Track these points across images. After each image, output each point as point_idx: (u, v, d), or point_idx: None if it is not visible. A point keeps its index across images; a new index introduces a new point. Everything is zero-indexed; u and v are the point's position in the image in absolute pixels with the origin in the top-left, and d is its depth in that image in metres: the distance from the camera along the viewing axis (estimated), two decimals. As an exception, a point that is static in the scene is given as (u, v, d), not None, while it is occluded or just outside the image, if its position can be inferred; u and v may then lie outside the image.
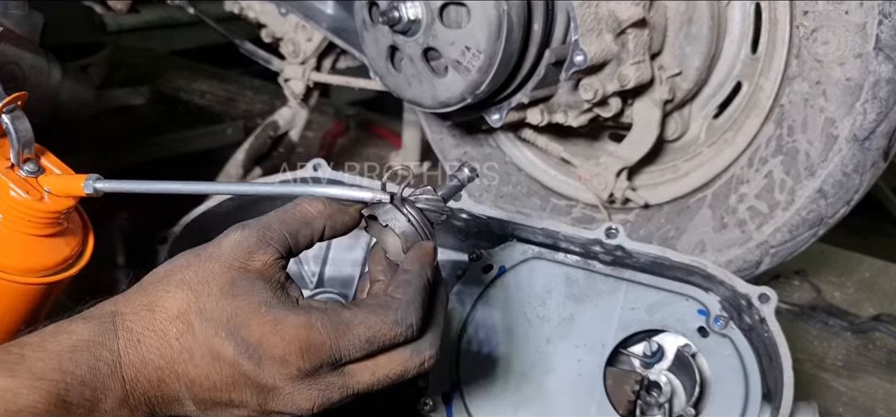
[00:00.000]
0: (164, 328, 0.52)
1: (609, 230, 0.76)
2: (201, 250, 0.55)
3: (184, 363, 0.52)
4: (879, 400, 0.91)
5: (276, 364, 0.52)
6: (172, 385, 0.52)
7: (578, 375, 0.76)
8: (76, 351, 0.50)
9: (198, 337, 0.52)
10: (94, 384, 0.50)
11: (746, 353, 0.75)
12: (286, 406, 0.53)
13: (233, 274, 0.53)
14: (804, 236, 0.89)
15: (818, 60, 0.84)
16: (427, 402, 0.77)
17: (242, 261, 0.54)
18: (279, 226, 0.56)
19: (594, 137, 1.09)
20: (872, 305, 1.08)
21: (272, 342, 0.51)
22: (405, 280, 0.55)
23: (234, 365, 0.52)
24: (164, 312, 0.53)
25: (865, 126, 0.82)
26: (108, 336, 0.51)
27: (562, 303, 0.79)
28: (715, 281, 0.75)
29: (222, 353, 0.52)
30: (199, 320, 0.52)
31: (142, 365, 0.51)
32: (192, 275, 0.54)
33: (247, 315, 0.52)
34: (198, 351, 0.52)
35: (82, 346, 0.50)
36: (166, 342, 0.52)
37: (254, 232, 0.55)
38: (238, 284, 0.53)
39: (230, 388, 0.53)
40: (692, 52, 0.94)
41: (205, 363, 0.52)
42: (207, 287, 0.53)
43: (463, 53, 0.87)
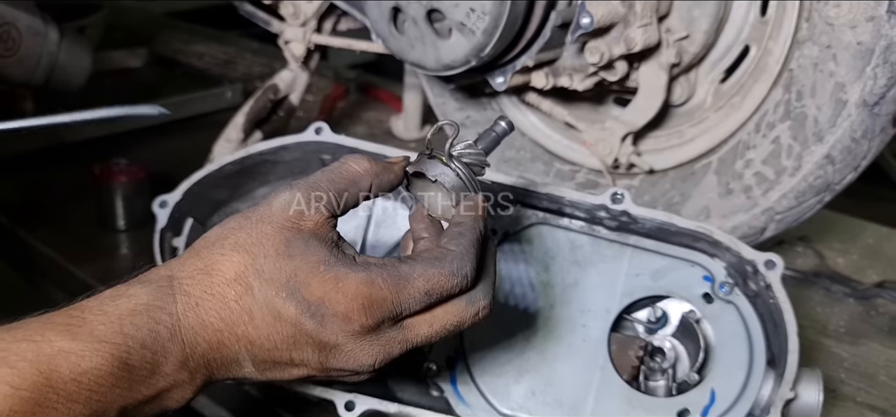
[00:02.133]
0: (222, 291, 0.52)
1: (615, 195, 0.75)
2: (251, 212, 0.55)
3: (244, 324, 0.52)
4: (881, 366, 0.91)
5: (339, 321, 0.52)
6: (232, 347, 0.53)
7: (583, 341, 0.76)
8: (136, 315, 0.50)
9: (257, 299, 0.52)
10: (155, 347, 0.50)
11: (751, 319, 0.75)
12: (348, 362, 0.54)
13: (287, 235, 0.53)
14: (810, 202, 0.89)
15: (829, 24, 0.82)
16: (430, 367, 0.77)
17: (294, 221, 0.54)
18: (328, 185, 0.56)
19: (599, 102, 1.08)
20: (876, 272, 1.08)
21: (334, 299, 0.52)
22: (459, 232, 0.56)
23: (295, 325, 0.52)
24: (220, 275, 0.53)
25: (875, 91, 0.81)
26: (167, 299, 0.52)
27: (566, 269, 0.79)
28: (720, 248, 0.75)
29: (284, 313, 0.52)
30: (259, 281, 0.52)
31: (201, 328, 0.52)
32: (246, 237, 0.53)
33: (306, 274, 0.52)
34: (258, 312, 0.52)
35: (141, 310, 0.50)
36: (225, 304, 0.52)
37: (303, 191, 0.55)
38: (293, 244, 0.53)
39: (291, 347, 0.53)
40: (700, 15, 0.92)
41: (265, 323, 0.52)
42: (263, 248, 0.53)
43: (467, 15, 0.86)
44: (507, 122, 0.62)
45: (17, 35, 1.19)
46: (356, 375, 0.56)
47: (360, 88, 1.70)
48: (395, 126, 1.48)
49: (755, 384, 0.72)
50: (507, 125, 0.62)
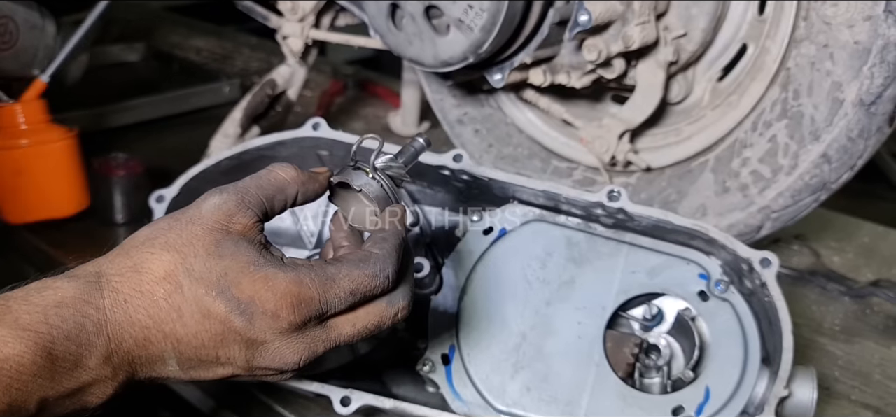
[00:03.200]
0: (151, 288, 0.53)
1: (611, 193, 0.75)
2: (180, 214, 0.56)
3: (172, 322, 0.53)
4: (875, 365, 0.92)
5: (267, 319, 0.53)
6: (158, 345, 0.53)
7: (578, 337, 0.77)
8: (62, 307, 0.50)
9: (187, 297, 0.53)
10: (80, 339, 0.51)
11: (746, 317, 0.75)
12: (274, 360, 0.55)
13: (216, 236, 0.55)
14: (806, 201, 0.89)
15: (827, 23, 0.83)
16: (426, 363, 0.77)
17: (224, 223, 0.55)
18: (256, 191, 0.58)
19: (597, 99, 1.08)
20: (871, 270, 1.09)
21: (264, 297, 0.53)
22: (382, 237, 0.59)
23: (224, 322, 0.53)
24: (150, 273, 0.53)
25: (872, 90, 0.81)
26: (94, 294, 0.52)
27: (562, 266, 0.79)
28: (716, 246, 0.75)
29: (213, 311, 0.53)
30: (188, 280, 0.53)
31: (128, 324, 0.52)
32: (176, 238, 0.54)
33: (237, 273, 0.53)
34: (187, 310, 0.53)
35: (68, 302, 0.51)
36: (154, 302, 0.53)
37: (232, 195, 0.56)
38: (223, 245, 0.54)
39: (218, 345, 0.54)
40: (698, 13, 0.92)
41: (194, 321, 0.53)
42: (193, 248, 0.54)
43: (466, 11, 0.85)
44: (425, 140, 0.66)
45: (14, 28, 1.19)
46: (281, 373, 0.57)
47: (358, 84, 1.70)
48: (393, 122, 1.48)
49: (750, 381, 0.73)
50: (425, 142, 0.66)
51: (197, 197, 0.84)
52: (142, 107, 1.50)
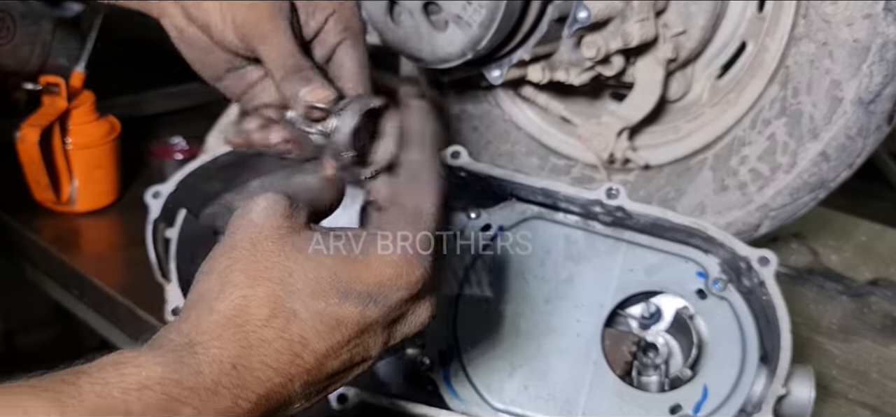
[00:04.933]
0: (260, 335, 0.45)
1: (610, 190, 0.75)
2: (234, 239, 0.48)
3: (297, 358, 0.46)
4: (873, 364, 0.92)
5: (403, 292, 0.49)
6: (285, 391, 0.46)
7: (576, 335, 0.76)
8: (144, 390, 0.41)
9: (306, 321, 0.46)
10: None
11: (744, 316, 0.75)
12: (412, 326, 0.51)
13: (292, 240, 0.48)
14: (805, 199, 0.89)
15: (826, 21, 0.82)
16: (424, 361, 0.77)
17: (287, 223, 0.48)
18: (300, 192, 0.52)
19: (595, 96, 1.08)
20: (869, 269, 1.08)
21: (387, 275, 0.48)
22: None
23: (361, 321, 0.48)
24: (253, 318, 0.45)
25: (871, 89, 0.81)
26: (189, 371, 0.42)
27: (561, 264, 0.79)
28: (715, 244, 0.75)
29: (344, 317, 0.47)
30: (300, 302, 0.46)
31: (242, 391, 0.44)
32: (251, 266, 0.47)
33: (345, 268, 0.47)
34: (312, 333, 0.46)
35: (152, 385, 0.41)
36: (270, 348, 0.45)
37: (279, 197, 0.50)
38: (305, 247, 0.48)
39: (356, 348, 0.49)
40: (697, 11, 0.92)
41: (323, 339, 0.47)
42: (279, 265, 0.46)
43: (464, 7, 0.85)
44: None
45: (11, 23, 1.18)
46: (420, 329, 0.52)
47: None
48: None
49: (747, 380, 0.72)
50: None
51: (193, 193, 0.85)
52: (141, 104, 1.49)
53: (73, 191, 1.18)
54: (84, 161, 1.17)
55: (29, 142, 1.11)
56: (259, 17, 0.61)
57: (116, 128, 1.20)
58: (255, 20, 0.61)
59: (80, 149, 1.16)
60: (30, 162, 1.13)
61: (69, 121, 1.16)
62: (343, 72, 0.65)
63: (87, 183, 1.18)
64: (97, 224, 1.19)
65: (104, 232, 1.19)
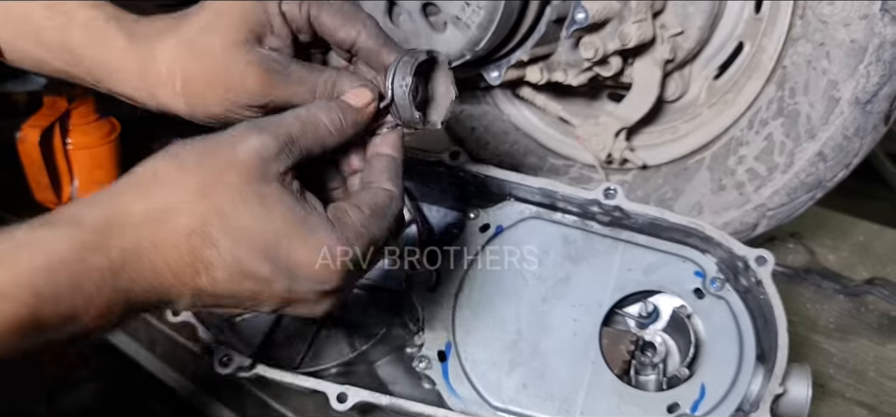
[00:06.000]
0: (176, 242, 0.48)
1: (607, 190, 0.75)
2: (211, 151, 0.50)
3: (197, 276, 0.49)
4: (870, 363, 0.92)
5: (311, 282, 0.51)
6: (174, 293, 0.50)
7: (574, 335, 0.77)
8: (53, 271, 0.45)
9: (223, 255, 0.49)
10: (74, 301, 0.46)
11: (741, 315, 0.75)
12: (308, 311, 0.54)
13: (257, 187, 0.50)
14: (802, 199, 0.89)
15: (823, 21, 0.83)
16: (423, 360, 0.77)
17: (263, 170, 0.50)
18: (299, 137, 0.53)
19: (593, 97, 1.08)
20: (866, 268, 1.09)
21: (312, 262, 0.51)
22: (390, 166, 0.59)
23: (266, 282, 0.50)
24: (177, 225, 0.48)
25: (868, 89, 0.81)
26: (97, 255, 0.46)
27: (559, 263, 0.79)
28: (712, 243, 0.75)
29: (255, 272, 0.50)
30: (227, 239, 0.49)
31: (141, 280, 0.49)
32: (210, 184, 0.49)
33: (286, 236, 0.50)
34: (220, 266, 0.49)
35: (61, 265, 0.45)
36: (178, 257, 0.48)
37: (272, 139, 0.51)
38: (266, 199, 0.50)
39: (250, 299, 0.52)
40: (695, 12, 0.92)
41: (227, 278, 0.50)
42: (231, 201, 0.49)
43: (463, 9, 0.85)
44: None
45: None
46: (311, 315, 0.55)
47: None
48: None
49: (745, 379, 0.73)
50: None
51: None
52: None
53: (74, 192, 1.18)
54: (84, 161, 1.17)
55: (29, 143, 1.11)
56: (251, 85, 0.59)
57: (116, 128, 1.20)
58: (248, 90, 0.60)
59: (80, 150, 1.16)
60: (30, 162, 1.13)
61: (69, 121, 1.16)
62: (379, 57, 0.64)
63: (88, 183, 1.18)
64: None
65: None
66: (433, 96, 0.64)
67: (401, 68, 0.60)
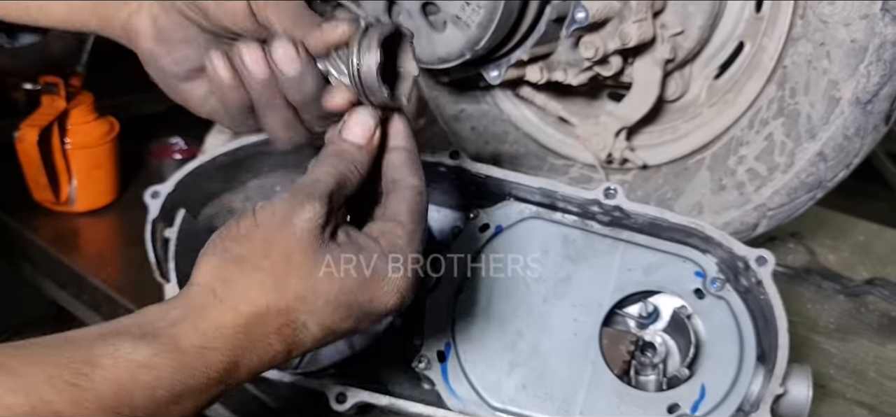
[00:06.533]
0: (269, 342, 0.51)
1: (608, 190, 0.75)
2: (270, 237, 0.52)
3: (289, 353, 0.53)
4: (870, 363, 0.92)
5: (392, 309, 0.56)
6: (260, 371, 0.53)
7: (574, 335, 0.77)
8: (156, 390, 0.46)
9: (312, 331, 0.53)
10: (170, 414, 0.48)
11: (742, 315, 0.75)
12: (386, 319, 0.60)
13: (320, 256, 0.53)
14: (802, 199, 0.89)
15: (823, 21, 0.83)
16: (422, 360, 0.77)
17: (322, 239, 0.53)
18: (337, 193, 0.55)
19: (593, 96, 1.08)
20: (866, 269, 1.09)
21: (392, 302, 0.55)
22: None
23: (354, 329, 0.55)
24: (267, 328, 0.51)
25: (868, 89, 0.81)
26: (197, 375, 0.48)
27: (559, 263, 0.79)
28: (712, 243, 0.75)
29: (342, 329, 0.54)
30: (312, 317, 0.52)
31: (237, 380, 0.51)
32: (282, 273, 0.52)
33: (361, 292, 0.54)
34: (311, 340, 0.53)
35: (163, 385, 0.47)
36: (273, 350, 0.52)
37: (323, 205, 0.53)
38: (331, 265, 0.53)
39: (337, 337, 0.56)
40: (695, 11, 0.92)
41: (317, 343, 0.54)
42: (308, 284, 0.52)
43: (462, 8, 0.85)
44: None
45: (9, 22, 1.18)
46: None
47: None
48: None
49: (745, 379, 0.73)
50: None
51: (192, 193, 0.85)
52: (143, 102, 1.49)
53: (72, 191, 1.18)
54: (83, 161, 1.17)
55: (28, 142, 1.11)
56: None
57: (115, 128, 1.21)
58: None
59: (78, 149, 1.17)
60: (29, 162, 1.13)
61: (68, 121, 1.16)
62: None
63: (86, 183, 1.18)
64: (96, 224, 1.19)
65: (103, 232, 1.19)
66: (398, 72, 0.61)
67: (365, 43, 0.57)
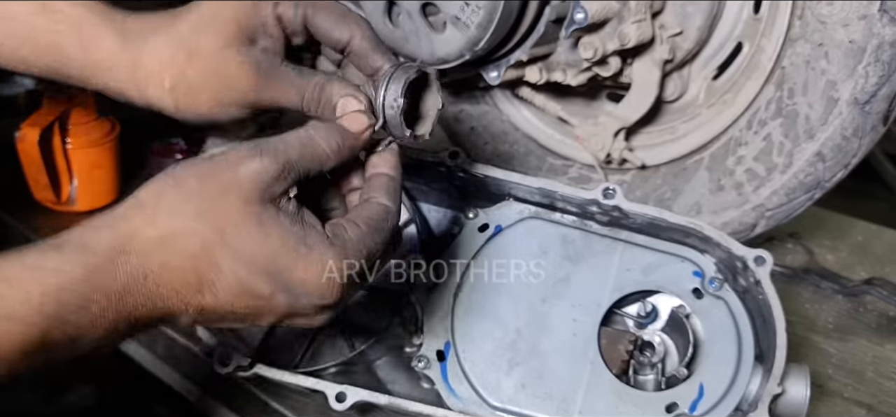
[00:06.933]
0: (180, 263, 0.50)
1: (606, 190, 0.76)
2: (212, 173, 0.52)
3: (199, 295, 0.51)
4: (868, 363, 0.92)
5: (314, 298, 0.53)
6: (176, 310, 0.52)
7: (573, 335, 0.77)
8: (62, 292, 0.47)
9: (225, 274, 0.51)
10: (80, 323, 0.48)
11: (740, 315, 0.76)
12: (309, 323, 0.56)
13: (257, 209, 0.51)
14: (801, 199, 0.90)
15: (822, 22, 0.83)
16: (422, 359, 0.77)
17: (263, 192, 0.52)
18: (298, 161, 0.54)
19: (592, 97, 1.09)
20: (864, 269, 1.09)
21: (315, 280, 0.53)
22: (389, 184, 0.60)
23: (267, 299, 0.53)
24: (181, 249, 0.50)
25: (867, 89, 0.82)
26: (105, 277, 0.48)
27: (558, 263, 0.80)
28: (711, 243, 0.75)
29: (256, 291, 0.52)
30: (229, 260, 0.51)
31: (145, 300, 0.50)
32: (211, 207, 0.51)
33: (286, 256, 0.52)
34: (222, 287, 0.52)
35: (70, 288, 0.47)
36: (182, 277, 0.50)
37: (272, 163, 0.53)
38: (266, 221, 0.52)
39: (251, 314, 0.54)
40: (694, 12, 0.93)
41: (228, 295, 0.52)
42: (233, 224, 0.51)
43: (462, 9, 0.86)
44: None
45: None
46: (309, 326, 0.57)
47: (355, 80, 1.69)
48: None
49: (743, 379, 0.73)
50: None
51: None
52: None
53: (73, 191, 1.18)
54: (84, 160, 1.17)
55: (28, 142, 1.11)
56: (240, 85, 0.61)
57: (116, 128, 1.21)
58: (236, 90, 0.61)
59: (79, 149, 1.17)
60: (29, 161, 1.13)
61: (69, 120, 1.16)
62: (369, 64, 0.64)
63: (87, 182, 1.18)
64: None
65: (103, 231, 1.19)
66: (422, 108, 0.65)
67: (392, 85, 0.60)
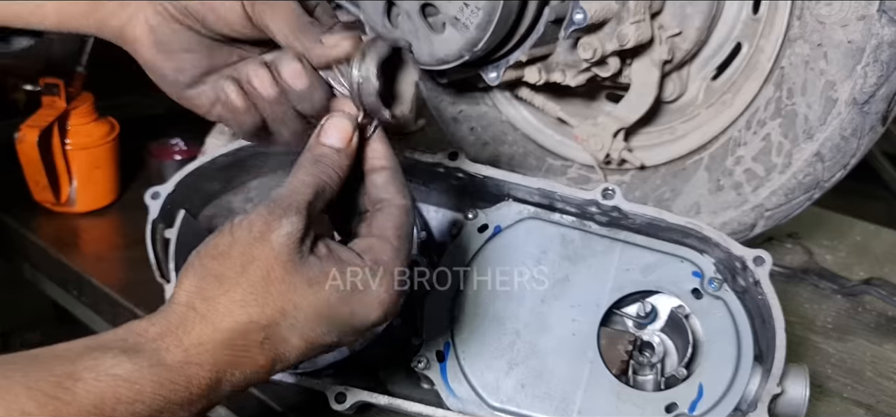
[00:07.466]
0: (252, 356, 0.52)
1: (606, 191, 0.76)
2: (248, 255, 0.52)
3: (273, 367, 0.53)
4: (867, 362, 0.92)
5: (375, 324, 0.56)
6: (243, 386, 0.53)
7: (572, 335, 0.77)
8: (136, 404, 0.47)
9: (295, 345, 0.53)
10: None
11: (739, 315, 0.76)
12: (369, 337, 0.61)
13: (301, 271, 0.53)
14: (800, 199, 0.90)
15: (821, 22, 0.83)
16: (421, 360, 0.77)
17: (300, 254, 0.53)
18: (315, 201, 0.55)
19: (591, 97, 1.09)
20: (863, 269, 1.09)
21: (376, 317, 0.55)
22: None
23: (334, 344, 0.55)
24: (249, 343, 0.51)
25: (865, 90, 0.82)
26: (180, 392, 0.49)
27: (557, 263, 0.80)
28: (710, 244, 0.75)
29: (323, 343, 0.55)
30: (294, 331, 0.53)
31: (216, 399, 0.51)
32: (262, 294, 0.52)
33: (343, 306, 0.54)
34: (294, 353, 0.54)
35: (142, 400, 0.47)
36: (256, 364, 0.52)
37: (299, 218, 0.53)
38: (313, 280, 0.53)
39: (319, 352, 0.56)
40: (693, 12, 0.93)
41: (299, 356, 0.54)
42: (288, 301, 0.52)
43: (461, 9, 0.86)
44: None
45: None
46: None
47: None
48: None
49: (743, 379, 0.73)
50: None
51: (192, 194, 0.85)
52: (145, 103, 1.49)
53: (72, 192, 1.18)
54: (83, 161, 1.18)
55: (28, 143, 1.11)
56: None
57: (115, 128, 1.21)
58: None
59: (79, 150, 1.17)
60: (29, 162, 1.13)
61: (68, 121, 1.17)
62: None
63: (86, 183, 1.19)
64: (96, 224, 1.19)
65: (103, 232, 1.19)
66: (398, 87, 0.62)
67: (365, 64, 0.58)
